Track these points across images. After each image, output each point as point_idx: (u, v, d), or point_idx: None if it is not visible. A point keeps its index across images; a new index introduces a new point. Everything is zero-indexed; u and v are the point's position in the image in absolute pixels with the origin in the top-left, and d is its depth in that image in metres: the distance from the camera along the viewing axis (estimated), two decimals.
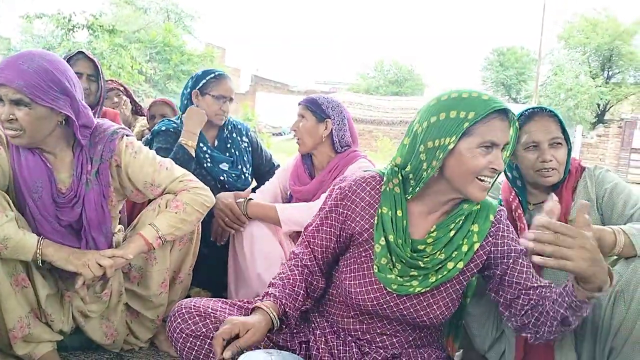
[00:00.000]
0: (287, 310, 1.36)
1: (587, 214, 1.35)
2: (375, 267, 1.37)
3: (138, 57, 15.68)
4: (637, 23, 24.52)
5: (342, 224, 1.43)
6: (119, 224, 1.97)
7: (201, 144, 2.38)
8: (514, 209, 1.74)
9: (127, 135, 1.76)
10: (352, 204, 1.42)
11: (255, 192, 2.34)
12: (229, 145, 2.50)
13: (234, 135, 2.54)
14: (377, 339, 1.43)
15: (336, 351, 1.43)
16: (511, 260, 1.38)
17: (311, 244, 1.47)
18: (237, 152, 2.51)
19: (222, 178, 2.38)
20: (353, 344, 1.42)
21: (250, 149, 2.59)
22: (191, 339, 1.35)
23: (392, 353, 1.42)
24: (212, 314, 1.37)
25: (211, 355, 1.34)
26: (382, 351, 1.41)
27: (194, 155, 2.27)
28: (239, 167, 2.49)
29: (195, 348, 1.35)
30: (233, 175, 2.44)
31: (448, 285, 1.40)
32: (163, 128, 2.41)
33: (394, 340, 1.43)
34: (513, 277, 1.38)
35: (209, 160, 2.39)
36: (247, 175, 2.52)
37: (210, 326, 1.35)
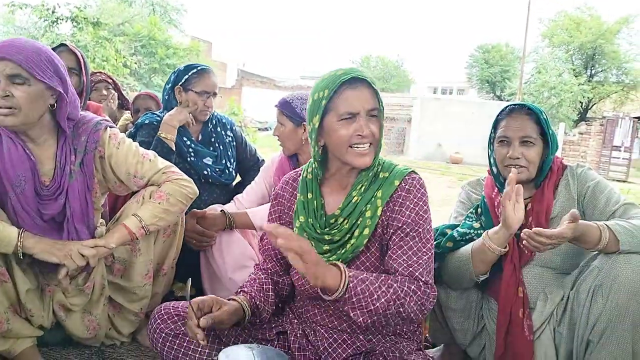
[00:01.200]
0: (257, 303, 1.42)
1: (574, 220, 1.42)
2: None
3: (123, 50, 15.51)
4: (620, 22, 24.91)
5: (279, 221, 1.55)
6: (101, 218, 1.95)
7: (185, 138, 2.37)
8: (496, 205, 1.76)
9: (110, 127, 1.75)
10: (282, 199, 1.55)
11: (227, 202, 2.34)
12: (213, 140, 2.49)
13: (218, 129, 2.52)
14: (343, 325, 1.43)
15: (311, 338, 1.45)
16: (391, 231, 1.38)
17: (267, 249, 1.57)
18: (221, 147, 2.50)
19: (205, 172, 2.38)
20: (324, 332, 1.44)
21: (234, 143, 2.58)
22: (170, 337, 1.38)
23: (363, 344, 1.42)
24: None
25: (190, 353, 1.38)
26: (353, 338, 1.42)
27: (173, 148, 2.26)
28: (223, 161, 2.48)
29: (175, 347, 1.38)
30: (217, 169, 2.44)
31: (363, 258, 1.40)
32: (146, 121, 2.39)
33: (357, 326, 1.43)
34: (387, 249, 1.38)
35: (192, 154, 2.38)
36: (231, 169, 2.52)
37: None
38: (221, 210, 2.15)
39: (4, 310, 1.59)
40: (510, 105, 1.79)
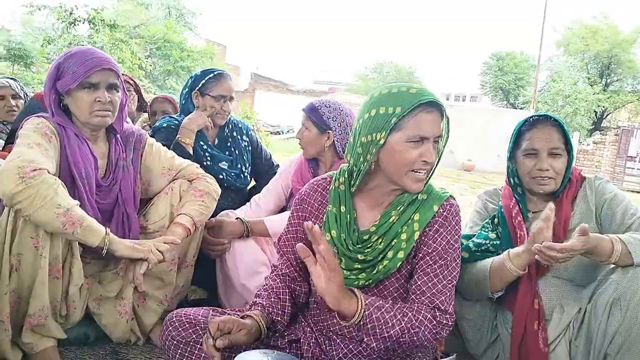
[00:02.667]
0: (273, 318, 1.41)
1: (584, 234, 1.41)
2: None
3: (138, 52, 15.64)
4: (636, 31, 24.65)
5: (302, 226, 1.49)
6: None
7: (201, 142, 2.38)
8: (514, 216, 1.75)
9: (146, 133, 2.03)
10: (307, 206, 1.50)
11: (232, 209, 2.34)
12: (229, 144, 2.51)
13: (235, 134, 2.54)
14: (361, 336, 1.43)
15: (325, 347, 1.45)
16: (420, 255, 1.36)
17: (285, 253, 1.54)
18: (237, 151, 2.51)
19: (221, 177, 2.39)
20: (339, 342, 1.43)
21: (250, 148, 2.59)
22: (182, 345, 1.38)
23: (380, 356, 1.41)
24: (202, 321, 1.40)
25: None
26: (368, 349, 1.41)
27: (191, 152, 2.28)
28: (239, 166, 2.50)
29: (186, 354, 1.38)
30: (232, 174, 2.45)
31: (394, 279, 1.39)
32: (164, 125, 2.42)
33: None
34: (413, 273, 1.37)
35: (208, 158, 2.40)
36: (246, 174, 2.53)
37: (200, 332, 1.38)
38: (237, 218, 2.17)
39: (47, 305, 1.64)
40: (534, 116, 1.77)
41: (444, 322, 1.30)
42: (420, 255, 1.36)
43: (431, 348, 1.50)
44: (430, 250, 1.35)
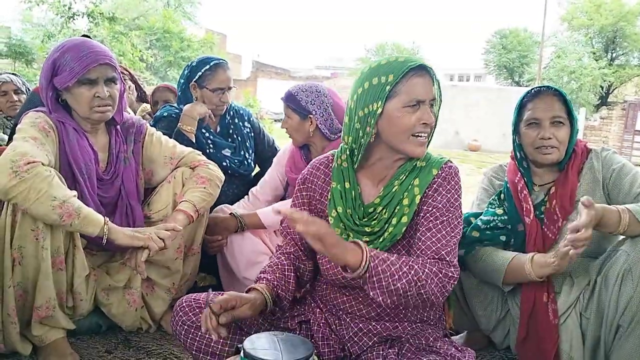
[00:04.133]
0: (279, 292, 1.41)
1: (588, 206, 1.40)
2: None
3: (138, 44, 15.62)
4: None
5: (308, 207, 1.52)
6: None
7: (203, 130, 2.37)
8: (519, 189, 1.74)
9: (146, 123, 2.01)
10: (311, 184, 1.51)
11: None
12: (231, 131, 2.50)
13: (236, 120, 2.53)
14: (371, 314, 1.43)
15: (335, 327, 1.45)
16: (422, 214, 1.36)
17: (289, 233, 1.54)
18: (239, 138, 2.50)
19: (224, 164, 2.38)
20: (349, 321, 1.44)
21: (252, 134, 2.58)
22: (192, 329, 1.38)
23: (389, 333, 1.42)
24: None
25: (212, 344, 1.38)
26: (378, 327, 1.42)
27: (193, 140, 2.27)
28: (242, 152, 2.49)
29: (197, 338, 1.39)
30: (235, 161, 2.44)
31: (400, 246, 1.40)
32: (165, 114, 2.41)
33: (385, 314, 1.43)
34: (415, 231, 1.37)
35: (211, 146, 2.39)
36: (249, 161, 2.52)
37: None
38: (231, 213, 2.16)
39: (53, 297, 1.65)
40: (535, 87, 1.77)
41: (450, 274, 1.29)
42: (422, 214, 1.37)
43: (441, 325, 1.50)
44: (431, 209, 1.36)
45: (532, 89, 1.77)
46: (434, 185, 1.38)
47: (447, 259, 1.31)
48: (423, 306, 1.41)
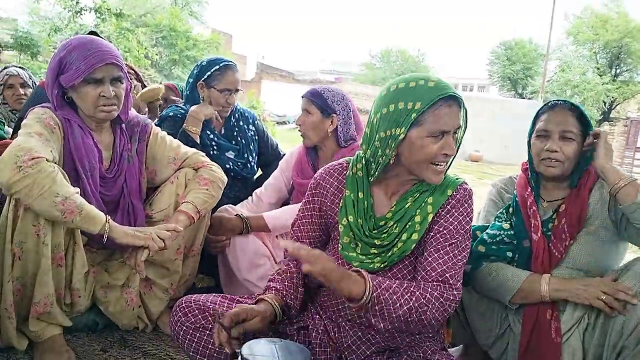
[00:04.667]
0: (288, 301, 1.42)
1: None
2: (340, 246, 1.45)
3: (144, 41, 15.65)
4: None
5: (319, 212, 1.52)
6: None
7: (208, 132, 2.38)
8: (529, 205, 1.73)
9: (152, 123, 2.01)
10: (323, 190, 1.51)
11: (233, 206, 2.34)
12: (235, 134, 2.50)
13: (241, 123, 2.53)
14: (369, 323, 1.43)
15: (333, 334, 1.45)
16: (431, 234, 1.37)
17: (299, 237, 1.54)
18: (243, 141, 2.50)
19: (228, 166, 2.38)
20: (348, 329, 1.44)
21: (256, 137, 2.58)
22: (191, 331, 1.38)
23: (388, 343, 1.42)
24: (211, 307, 1.41)
25: (210, 346, 1.38)
26: (377, 337, 1.42)
27: (198, 141, 2.28)
28: (245, 155, 2.49)
29: (195, 340, 1.38)
30: (239, 163, 2.45)
31: (407, 262, 1.40)
32: (170, 114, 2.41)
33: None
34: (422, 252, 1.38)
35: (215, 148, 2.39)
36: (252, 163, 2.52)
37: (209, 318, 1.39)
38: (237, 215, 2.16)
39: (52, 293, 1.65)
40: (554, 100, 1.76)
41: (452, 297, 1.30)
42: (432, 234, 1.37)
43: (439, 338, 1.50)
44: (441, 229, 1.36)
45: (549, 102, 1.77)
46: (448, 206, 1.38)
47: (451, 281, 1.31)
48: (424, 330, 1.41)
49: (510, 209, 1.78)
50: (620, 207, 1.57)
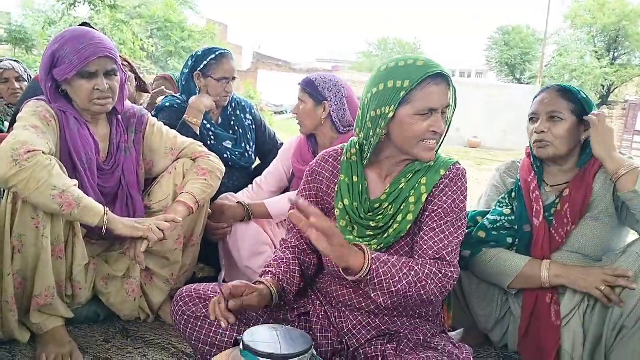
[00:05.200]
0: (284, 286, 1.43)
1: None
2: None
3: (139, 33, 15.55)
4: None
5: (315, 199, 1.53)
6: None
7: (205, 122, 2.36)
8: (532, 189, 1.73)
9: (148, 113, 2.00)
10: (319, 176, 1.53)
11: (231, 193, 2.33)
12: (232, 123, 2.49)
13: (238, 112, 2.52)
14: (370, 307, 1.44)
15: (334, 319, 1.46)
16: (427, 214, 1.38)
17: (295, 226, 1.52)
18: (240, 130, 2.50)
19: (225, 156, 2.37)
20: (349, 314, 1.45)
21: (254, 126, 2.57)
22: (192, 320, 1.39)
23: (388, 327, 1.43)
24: (212, 297, 1.41)
25: (211, 334, 1.39)
26: (377, 321, 1.43)
27: (198, 133, 2.27)
28: (243, 144, 2.48)
29: (197, 329, 1.39)
30: (237, 153, 2.44)
31: (403, 243, 1.41)
32: (167, 104, 2.40)
33: (384, 308, 1.43)
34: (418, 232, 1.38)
35: (212, 137, 2.38)
36: (250, 153, 2.52)
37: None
38: (238, 202, 2.16)
39: (52, 285, 1.65)
40: (549, 85, 1.77)
41: (450, 274, 1.31)
42: (427, 214, 1.38)
43: (439, 322, 1.51)
44: (436, 208, 1.37)
45: (544, 87, 1.78)
46: (441, 186, 1.39)
47: (448, 259, 1.33)
48: (422, 305, 1.42)
49: (513, 194, 1.78)
50: (619, 194, 1.57)
